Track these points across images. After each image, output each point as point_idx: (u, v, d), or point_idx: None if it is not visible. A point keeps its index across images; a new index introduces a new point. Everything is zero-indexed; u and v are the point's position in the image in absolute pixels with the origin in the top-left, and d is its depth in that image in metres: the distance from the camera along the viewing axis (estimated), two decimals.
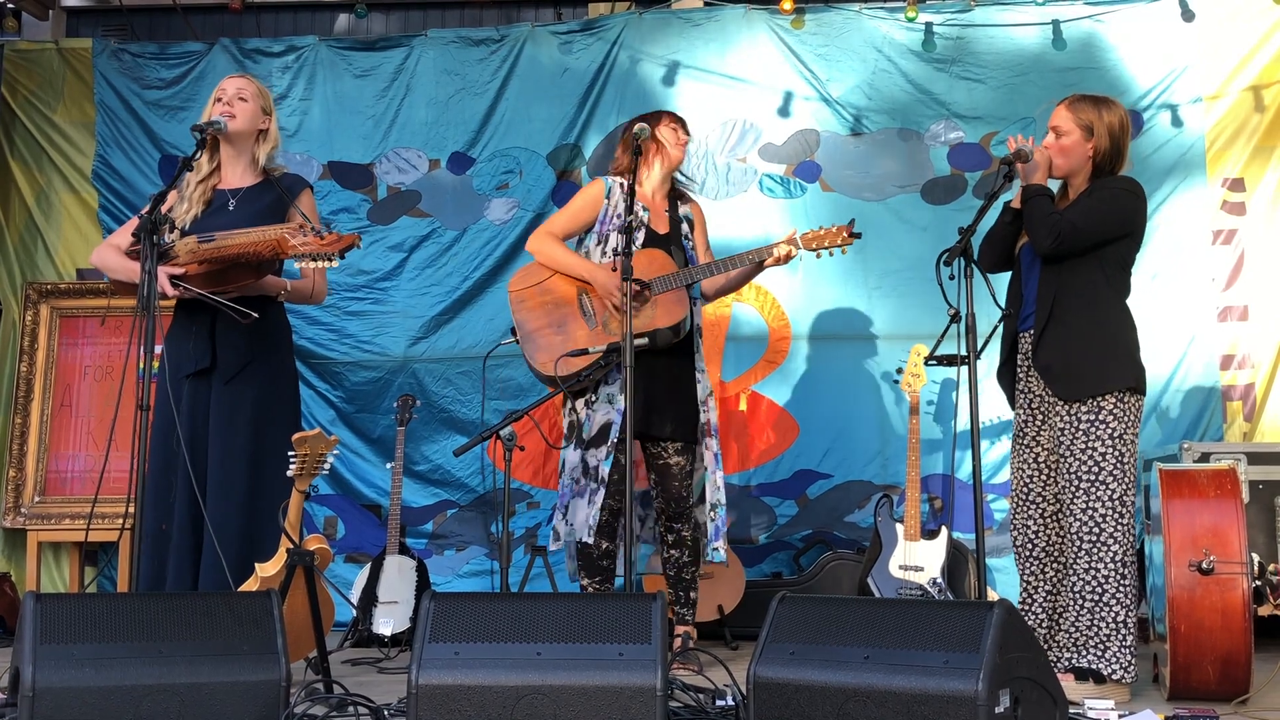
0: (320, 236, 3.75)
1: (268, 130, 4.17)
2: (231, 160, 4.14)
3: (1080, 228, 3.77)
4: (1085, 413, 3.77)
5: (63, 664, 2.81)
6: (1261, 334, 5.53)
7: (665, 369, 4.31)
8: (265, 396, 4.05)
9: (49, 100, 6.01)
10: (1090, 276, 3.82)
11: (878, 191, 5.75)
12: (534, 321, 4.40)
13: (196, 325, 4.00)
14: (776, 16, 5.82)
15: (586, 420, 4.36)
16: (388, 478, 5.40)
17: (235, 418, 3.98)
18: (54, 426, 5.76)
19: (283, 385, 4.17)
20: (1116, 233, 3.83)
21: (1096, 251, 3.81)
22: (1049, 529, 3.94)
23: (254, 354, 4.03)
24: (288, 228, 3.82)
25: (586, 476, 4.31)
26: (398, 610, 4.95)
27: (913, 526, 4.85)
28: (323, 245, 3.73)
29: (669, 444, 4.35)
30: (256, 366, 4.04)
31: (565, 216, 4.55)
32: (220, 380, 3.99)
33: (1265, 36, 5.62)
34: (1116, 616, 3.72)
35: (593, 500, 4.26)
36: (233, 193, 4.10)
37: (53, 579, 5.74)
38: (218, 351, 3.99)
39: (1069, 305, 3.81)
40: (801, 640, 2.92)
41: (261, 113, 4.14)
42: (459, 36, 5.96)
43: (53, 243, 5.98)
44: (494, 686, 2.88)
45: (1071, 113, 3.91)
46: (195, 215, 4.04)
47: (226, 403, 3.99)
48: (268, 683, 2.95)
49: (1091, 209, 3.81)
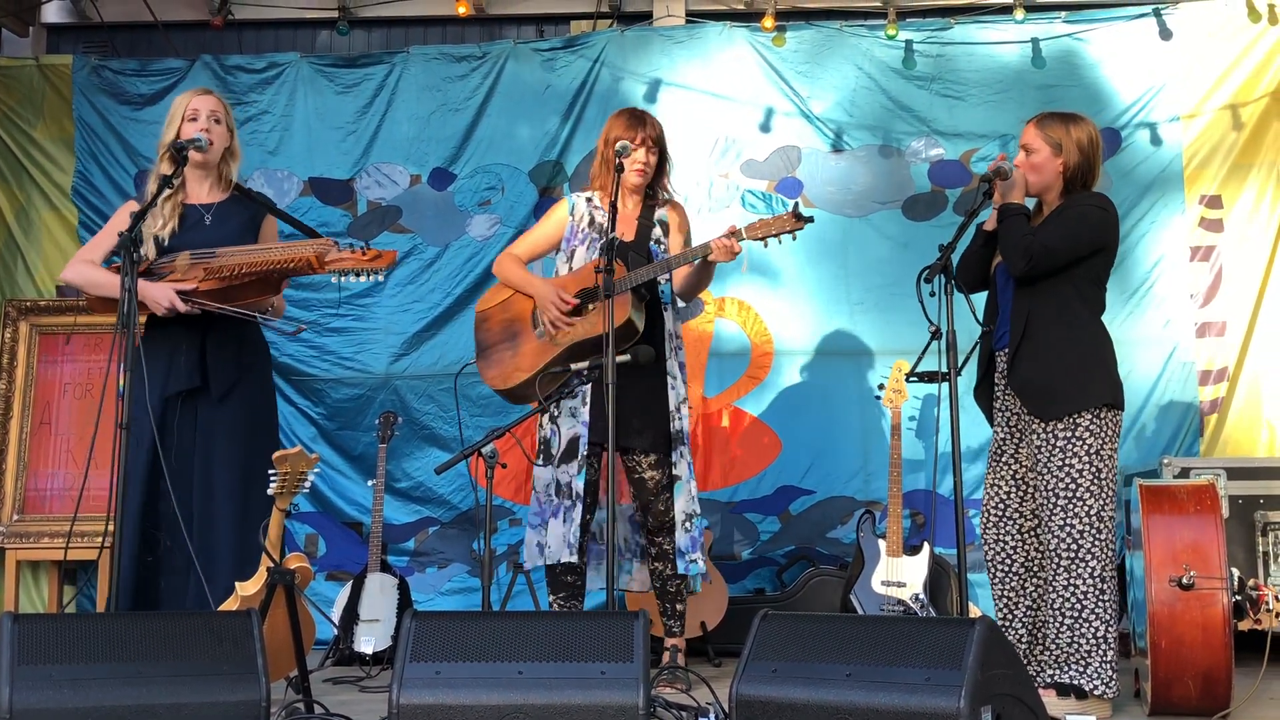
0: (362, 252, 3.85)
1: (233, 148, 4.19)
2: (198, 178, 4.14)
3: (1051, 248, 3.79)
4: (1062, 430, 3.78)
5: (41, 685, 2.79)
6: (1238, 350, 5.56)
7: (635, 378, 4.16)
8: (253, 415, 4.07)
9: (29, 117, 5.99)
10: (1063, 293, 3.84)
11: (859, 208, 5.77)
12: (490, 339, 4.44)
13: (185, 345, 3.99)
14: (758, 34, 5.85)
15: (553, 436, 4.34)
16: (369, 495, 5.38)
17: (228, 436, 3.99)
18: (33, 444, 5.72)
19: (267, 403, 4.19)
20: (1088, 250, 3.85)
21: (1070, 269, 3.84)
22: (1027, 545, 3.95)
23: (241, 373, 4.04)
24: (319, 242, 3.91)
25: (559, 495, 4.27)
26: (379, 629, 4.93)
27: (895, 542, 4.85)
28: (364, 261, 3.87)
29: (642, 457, 4.29)
30: (244, 385, 4.05)
31: (529, 239, 4.60)
32: (211, 400, 3.99)
33: (1241, 55, 5.67)
34: (1097, 632, 3.73)
35: (569, 518, 4.21)
36: (205, 208, 4.10)
37: (31, 598, 5.70)
38: (209, 371, 3.99)
39: (1042, 323, 3.83)
40: (784, 658, 2.92)
41: (229, 133, 4.17)
42: (441, 53, 5.97)
43: (32, 260, 5.96)
44: (476, 706, 2.87)
45: (1040, 130, 3.95)
46: (172, 230, 4.03)
47: (217, 421, 3.99)
48: (248, 703, 2.93)
49: (1062, 228, 3.83)
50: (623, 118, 4.42)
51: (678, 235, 4.49)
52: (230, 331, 4.00)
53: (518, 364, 4.32)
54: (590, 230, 4.41)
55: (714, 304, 5.71)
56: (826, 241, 5.72)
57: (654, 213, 4.46)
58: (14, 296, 5.91)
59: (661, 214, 4.48)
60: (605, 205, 4.21)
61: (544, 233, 4.56)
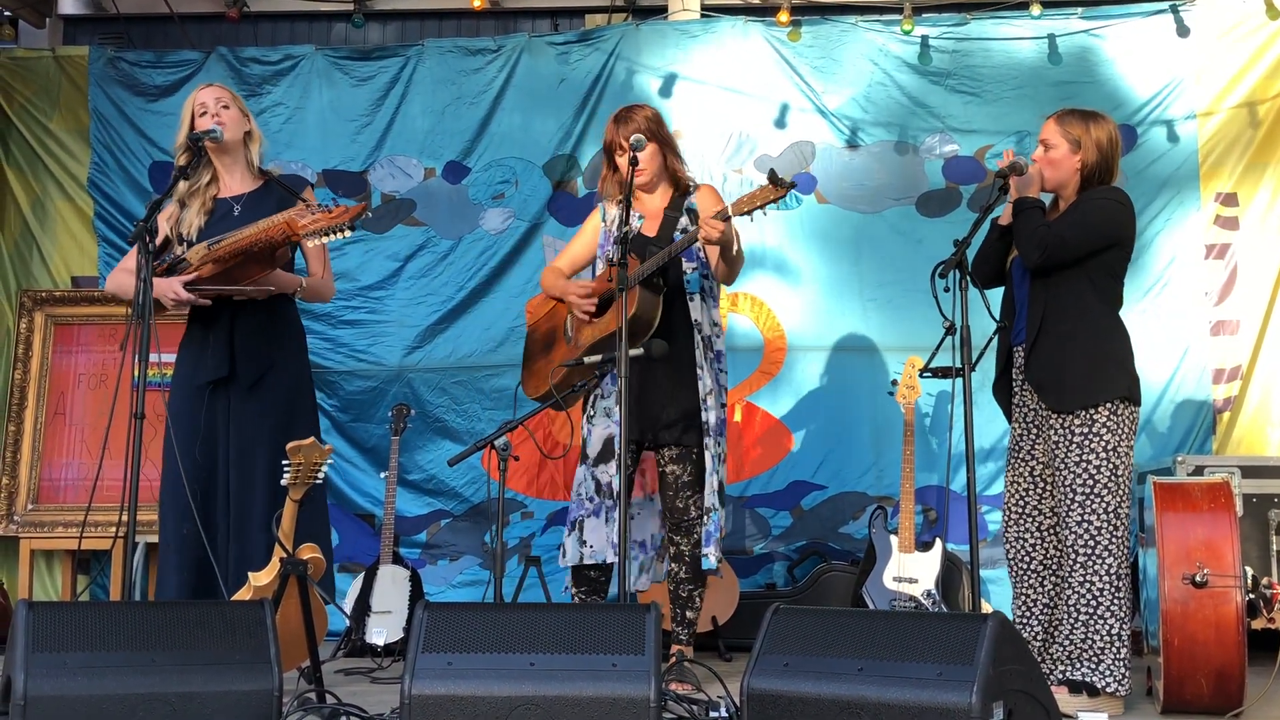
0: (328, 210, 3.78)
1: (252, 130, 4.19)
2: (228, 168, 4.16)
3: (1067, 240, 3.79)
4: (1079, 425, 3.78)
5: (55, 672, 2.80)
6: (1252, 348, 5.54)
7: (661, 371, 4.18)
8: (285, 404, 4.09)
9: (45, 108, 6.01)
10: (1079, 288, 3.83)
11: (873, 204, 5.76)
12: (534, 350, 4.53)
13: (214, 334, 4.02)
14: (773, 28, 5.83)
15: (587, 435, 4.33)
16: (382, 487, 5.40)
17: (257, 427, 4.01)
18: (48, 434, 5.75)
19: (302, 390, 4.19)
20: (1103, 243, 3.84)
21: (1085, 263, 3.83)
22: (1046, 543, 3.94)
23: (273, 360, 4.06)
24: (293, 210, 3.87)
25: (600, 495, 4.26)
26: (391, 620, 4.95)
27: (907, 538, 4.85)
28: (332, 218, 3.79)
29: (667, 450, 4.25)
30: (275, 374, 4.07)
31: (569, 252, 4.61)
32: (240, 389, 4.01)
33: (1259, 53, 5.64)
34: (1110, 629, 3.72)
35: (610, 519, 4.20)
36: (235, 199, 4.13)
37: (45, 587, 5.72)
38: (237, 361, 4.00)
39: (1059, 317, 3.82)
40: (795, 652, 2.92)
41: (243, 115, 4.17)
42: (456, 46, 5.97)
43: (48, 250, 5.98)
44: (487, 697, 2.87)
45: (1060, 127, 3.94)
46: (199, 226, 4.05)
47: (247, 412, 4.02)
48: (260, 692, 2.94)
49: (1077, 221, 3.83)
50: (610, 121, 4.38)
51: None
52: (259, 320, 4.02)
53: (549, 370, 4.34)
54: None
55: (727, 299, 5.70)
56: (840, 237, 5.72)
57: (683, 201, 4.39)
58: (29, 287, 5.93)
59: (691, 201, 4.40)
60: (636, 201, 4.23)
61: (581, 243, 4.57)
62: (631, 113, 4.35)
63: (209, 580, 3.87)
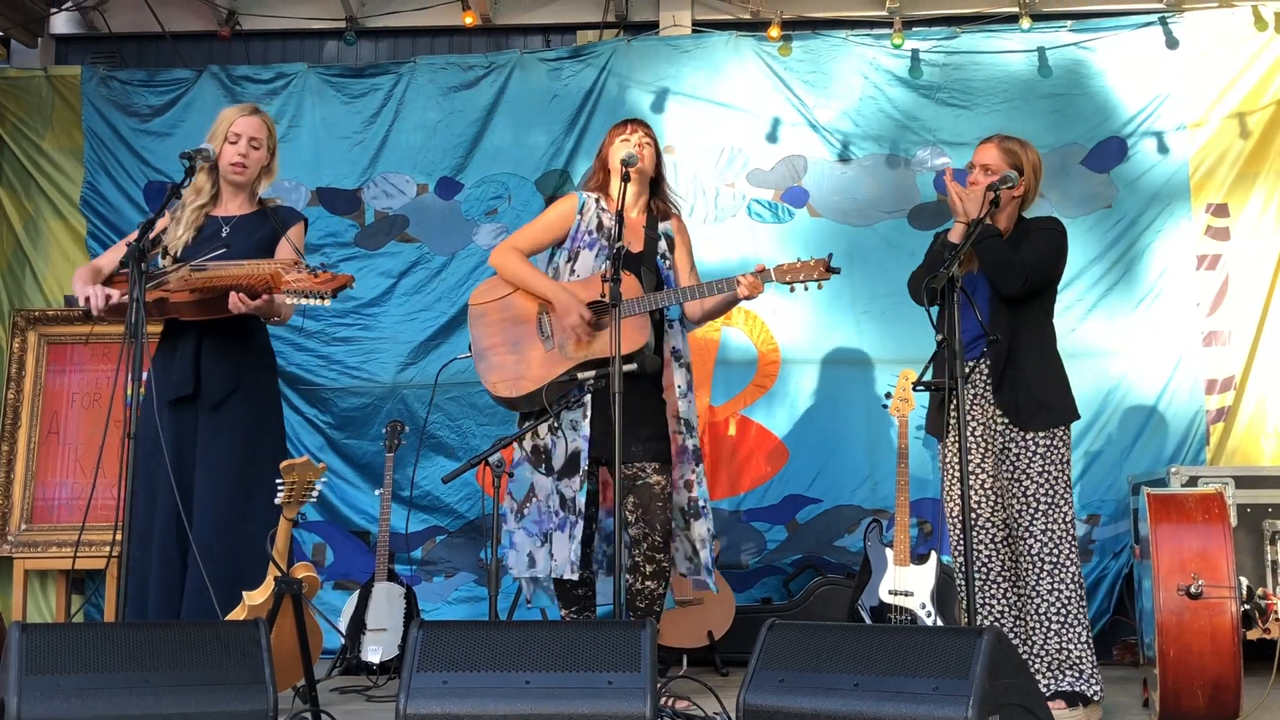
0: (315, 274, 3.74)
1: (270, 167, 4.19)
2: (231, 192, 4.14)
3: (1039, 270, 3.90)
4: (1043, 439, 3.88)
5: (49, 694, 2.79)
6: (1245, 358, 5.56)
7: (633, 393, 3.98)
8: (251, 422, 4.03)
9: (37, 127, 6.02)
10: (1037, 314, 3.98)
11: (865, 217, 5.77)
12: (489, 338, 4.29)
13: (180, 351, 3.99)
14: (764, 43, 5.85)
15: (551, 447, 4.23)
16: (376, 504, 5.39)
17: (222, 444, 3.96)
18: (41, 454, 5.73)
19: (268, 410, 4.13)
20: (1059, 272, 4.02)
21: (1041, 290, 3.96)
22: (1001, 554, 3.98)
23: (240, 379, 4.01)
24: (282, 263, 3.83)
25: (564, 509, 4.17)
26: (386, 638, 4.93)
27: (902, 551, 4.85)
28: (316, 284, 3.73)
29: (647, 464, 4.17)
30: (242, 392, 4.02)
31: (533, 230, 4.42)
32: (205, 407, 3.97)
33: (1248, 63, 5.66)
34: (1080, 636, 3.82)
35: (572, 534, 4.11)
36: (226, 220, 4.10)
37: (39, 607, 5.71)
38: (202, 378, 3.97)
39: (1024, 343, 3.93)
40: (791, 667, 2.92)
41: (269, 156, 4.16)
42: (448, 63, 5.99)
43: (40, 270, 5.98)
44: (483, 715, 2.87)
45: (1000, 150, 3.98)
46: (186, 241, 4.03)
47: (212, 429, 3.96)
48: (255, 712, 2.93)
49: (1043, 251, 3.93)
50: (614, 126, 4.42)
51: (683, 253, 4.43)
52: (227, 339, 3.98)
53: (524, 372, 4.21)
54: (598, 235, 4.30)
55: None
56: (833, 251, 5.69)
57: (658, 224, 4.39)
58: (22, 306, 5.92)
59: (666, 227, 4.41)
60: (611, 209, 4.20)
61: (547, 225, 4.39)
62: (636, 126, 4.37)
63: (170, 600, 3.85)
